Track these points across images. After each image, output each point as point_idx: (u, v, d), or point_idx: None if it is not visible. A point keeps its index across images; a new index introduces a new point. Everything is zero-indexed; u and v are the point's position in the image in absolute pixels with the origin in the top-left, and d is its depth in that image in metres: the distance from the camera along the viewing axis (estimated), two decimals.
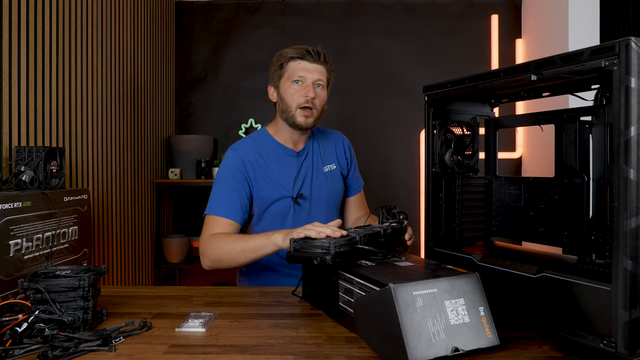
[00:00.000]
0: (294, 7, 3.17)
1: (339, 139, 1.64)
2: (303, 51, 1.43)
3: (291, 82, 1.43)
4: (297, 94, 1.42)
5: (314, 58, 1.43)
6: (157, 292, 1.27)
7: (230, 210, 1.39)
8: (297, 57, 1.43)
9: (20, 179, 1.27)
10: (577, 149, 0.91)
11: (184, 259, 2.93)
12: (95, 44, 2.05)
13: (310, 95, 1.41)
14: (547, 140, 2.70)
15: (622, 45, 0.70)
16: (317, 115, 1.46)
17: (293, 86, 1.42)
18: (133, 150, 2.49)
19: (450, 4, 3.16)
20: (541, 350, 0.86)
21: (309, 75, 1.42)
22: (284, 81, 1.45)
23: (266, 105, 3.21)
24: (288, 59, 1.44)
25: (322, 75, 1.45)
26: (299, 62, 1.43)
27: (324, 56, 1.45)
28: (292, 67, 1.43)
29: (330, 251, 0.97)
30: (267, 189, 1.45)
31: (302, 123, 1.43)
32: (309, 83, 1.42)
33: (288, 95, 1.43)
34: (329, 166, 1.56)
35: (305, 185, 1.50)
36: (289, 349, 0.87)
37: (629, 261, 0.70)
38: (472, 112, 1.19)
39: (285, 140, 1.51)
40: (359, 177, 1.68)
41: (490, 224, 1.18)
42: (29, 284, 0.91)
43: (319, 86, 1.45)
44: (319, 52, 1.44)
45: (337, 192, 1.58)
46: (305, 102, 1.41)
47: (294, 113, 1.43)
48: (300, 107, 1.42)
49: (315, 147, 1.56)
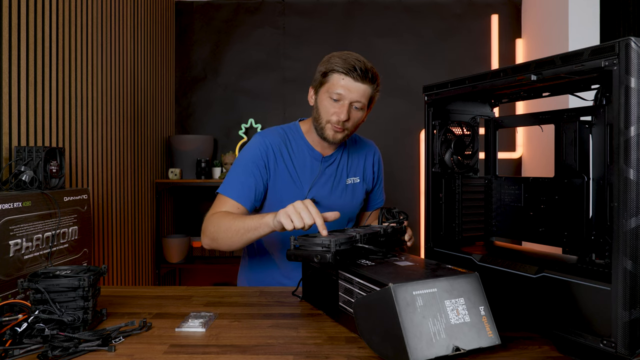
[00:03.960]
0: (294, 7, 3.17)
1: (370, 151, 1.58)
2: (349, 66, 1.31)
3: (328, 96, 1.35)
4: (331, 110, 1.35)
5: (360, 77, 1.32)
6: (157, 292, 1.27)
7: (242, 194, 1.35)
8: (341, 72, 1.32)
9: (20, 179, 1.27)
10: (577, 149, 0.91)
11: (184, 259, 2.93)
12: (95, 44, 2.05)
13: (343, 118, 1.33)
14: (547, 140, 2.70)
15: (622, 45, 0.70)
16: (348, 134, 1.40)
17: (329, 101, 1.35)
18: (133, 150, 2.49)
19: (450, 4, 3.16)
20: (541, 350, 0.86)
21: (348, 95, 1.33)
22: (323, 91, 1.37)
23: (266, 105, 3.22)
24: (332, 69, 1.34)
25: (362, 97, 1.34)
26: (342, 78, 1.32)
27: (371, 75, 1.34)
28: (333, 80, 1.34)
29: (331, 249, 0.98)
30: (283, 183, 1.41)
31: (330, 138, 1.38)
32: (345, 103, 1.33)
33: (322, 108, 1.37)
34: (353, 179, 1.51)
35: (323, 192, 1.45)
36: (289, 349, 0.87)
37: (629, 261, 0.70)
38: (472, 112, 1.19)
39: (314, 143, 1.46)
40: (382, 193, 1.63)
41: (490, 224, 1.18)
42: (29, 284, 0.91)
43: (356, 108, 1.36)
44: (366, 70, 1.32)
45: (353, 205, 1.52)
46: (337, 122, 1.35)
47: (324, 126, 1.37)
48: (330, 122, 1.36)
49: (344, 157, 1.51)
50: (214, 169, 3.00)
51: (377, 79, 1.36)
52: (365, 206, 1.60)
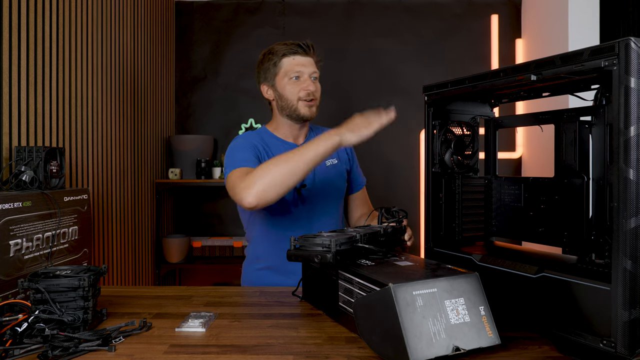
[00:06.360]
0: (294, 7, 3.17)
1: None
2: (294, 47, 1.46)
3: (289, 78, 1.46)
4: (296, 89, 1.45)
5: (304, 51, 1.46)
6: (157, 292, 1.27)
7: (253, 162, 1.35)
8: (290, 53, 1.46)
9: (20, 179, 1.27)
10: (577, 149, 0.91)
11: (184, 259, 2.93)
12: (95, 44, 2.05)
13: (311, 89, 1.45)
14: (547, 140, 2.70)
15: (622, 46, 0.70)
16: (317, 104, 1.50)
17: (291, 82, 1.45)
18: (133, 150, 2.49)
19: (450, 4, 3.16)
20: (541, 350, 0.86)
21: (305, 70, 1.46)
22: (280, 78, 1.47)
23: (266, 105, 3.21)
24: (281, 56, 1.46)
25: (315, 67, 1.49)
26: (293, 58, 1.46)
27: (312, 47, 1.49)
28: (286, 63, 1.46)
29: (331, 249, 0.98)
30: None
31: (307, 114, 1.47)
32: (306, 77, 1.46)
33: (287, 92, 1.46)
34: (331, 160, 1.58)
35: (308, 177, 1.51)
36: (289, 349, 0.87)
37: (629, 261, 0.70)
38: (472, 112, 1.19)
39: (286, 136, 1.54)
40: (361, 173, 1.69)
41: (490, 224, 1.18)
42: (29, 284, 0.91)
43: (314, 78, 1.48)
44: (307, 45, 1.47)
45: (340, 186, 1.58)
46: (307, 95, 1.45)
47: (296, 106, 1.46)
48: (301, 99, 1.45)
49: None
50: (214, 169, 3.00)
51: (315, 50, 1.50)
52: (350, 188, 1.66)
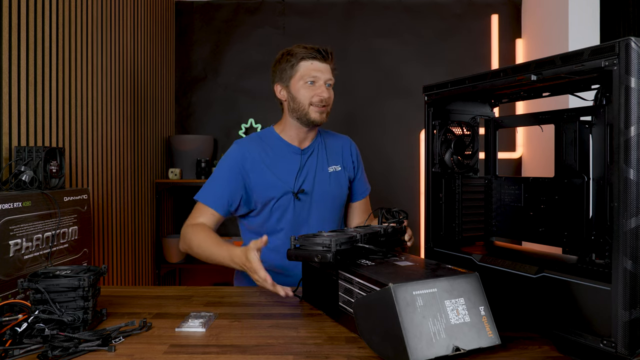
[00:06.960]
0: (294, 7, 3.17)
1: (347, 143, 1.65)
2: (314, 51, 1.45)
3: (304, 82, 1.45)
4: (310, 94, 1.45)
5: (323, 58, 1.46)
6: (157, 292, 1.27)
7: (216, 202, 1.45)
8: (308, 57, 1.45)
9: (20, 179, 1.27)
10: (577, 149, 0.91)
11: (184, 259, 2.93)
12: (95, 44, 2.05)
13: (325, 95, 1.45)
14: (547, 140, 2.70)
15: (622, 45, 0.70)
16: (328, 111, 1.49)
17: (306, 86, 1.45)
18: (133, 150, 2.49)
19: (450, 4, 3.16)
20: (541, 350, 0.86)
21: (321, 76, 1.45)
22: (295, 81, 1.46)
23: (266, 105, 3.22)
24: (299, 59, 1.46)
25: (331, 75, 1.48)
26: (311, 63, 1.45)
27: (330, 54, 1.48)
28: (304, 67, 1.45)
29: (331, 249, 0.98)
30: (269, 183, 1.47)
31: (317, 119, 1.47)
32: (321, 83, 1.46)
33: (301, 95, 1.46)
34: (334, 167, 1.58)
35: (308, 182, 1.51)
36: (289, 349, 0.87)
37: (629, 261, 0.70)
38: (472, 112, 1.19)
39: (291, 138, 1.53)
40: (366, 182, 1.69)
41: (490, 224, 1.18)
42: (29, 284, 0.91)
43: (328, 85, 1.48)
44: (326, 51, 1.47)
45: (340, 193, 1.58)
46: (320, 102, 1.44)
47: (307, 110, 1.46)
48: (313, 104, 1.45)
49: (322, 147, 1.58)
50: (214, 169, 3.00)
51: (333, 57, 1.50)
52: (351, 196, 1.66)
